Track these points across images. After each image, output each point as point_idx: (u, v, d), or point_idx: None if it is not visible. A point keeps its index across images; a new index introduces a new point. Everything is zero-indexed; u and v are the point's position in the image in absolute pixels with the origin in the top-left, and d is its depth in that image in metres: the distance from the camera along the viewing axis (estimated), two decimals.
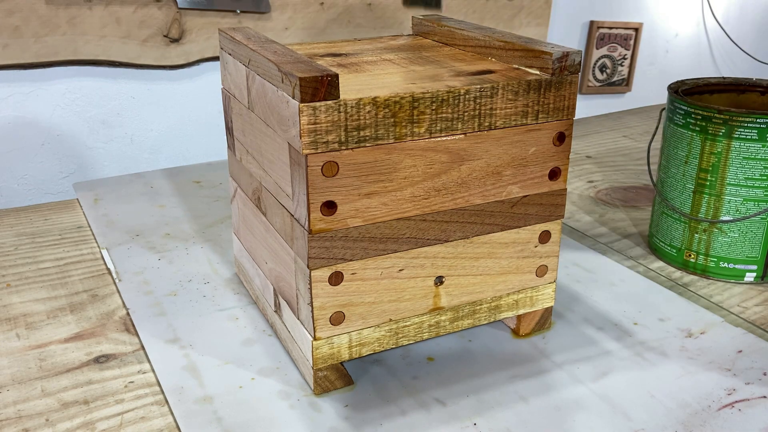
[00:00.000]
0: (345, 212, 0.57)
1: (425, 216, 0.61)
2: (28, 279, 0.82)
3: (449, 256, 0.63)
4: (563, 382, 0.65)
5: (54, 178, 1.64)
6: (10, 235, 0.93)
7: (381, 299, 0.62)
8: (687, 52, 2.46)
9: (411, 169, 0.59)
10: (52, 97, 1.59)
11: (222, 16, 1.65)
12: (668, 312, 0.76)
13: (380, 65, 0.66)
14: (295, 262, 0.61)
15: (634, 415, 0.61)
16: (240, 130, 0.70)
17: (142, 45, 1.60)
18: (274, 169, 0.62)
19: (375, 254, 0.60)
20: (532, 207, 0.65)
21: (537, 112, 0.62)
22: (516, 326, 0.71)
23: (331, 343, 0.61)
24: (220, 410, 0.61)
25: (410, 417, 0.61)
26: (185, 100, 1.71)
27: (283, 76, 0.55)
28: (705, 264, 0.82)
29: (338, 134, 0.55)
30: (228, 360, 0.67)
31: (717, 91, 0.89)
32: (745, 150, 0.76)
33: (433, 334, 0.66)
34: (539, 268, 0.68)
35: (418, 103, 0.57)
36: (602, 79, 2.29)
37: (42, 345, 0.70)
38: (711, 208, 0.80)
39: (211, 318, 0.74)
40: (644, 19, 2.31)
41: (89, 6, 1.52)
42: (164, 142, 1.72)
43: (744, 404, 0.62)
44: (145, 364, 0.67)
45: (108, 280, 0.82)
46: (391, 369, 0.67)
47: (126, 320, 0.74)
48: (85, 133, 1.64)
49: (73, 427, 0.59)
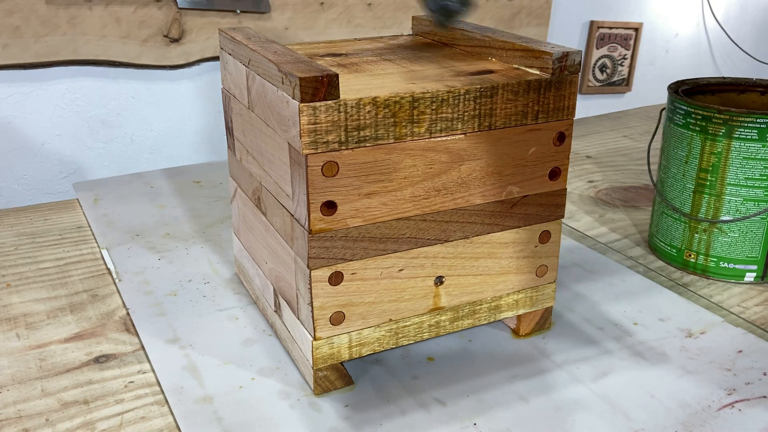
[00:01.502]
0: (345, 212, 0.57)
1: (425, 216, 0.61)
2: (28, 279, 0.82)
3: (449, 256, 0.63)
4: (563, 382, 0.65)
5: (54, 178, 1.64)
6: (10, 235, 0.93)
7: (381, 299, 0.62)
8: (687, 52, 2.46)
9: (411, 169, 0.59)
10: (52, 97, 1.59)
11: (222, 16, 1.65)
12: (668, 312, 0.76)
13: (380, 65, 0.66)
14: (295, 262, 0.61)
15: (634, 415, 0.61)
16: (240, 130, 0.70)
17: (142, 45, 1.60)
18: (274, 169, 0.62)
19: (375, 254, 0.60)
20: (532, 207, 0.65)
21: (537, 112, 0.62)
22: (516, 326, 0.71)
23: (331, 343, 0.61)
24: (220, 410, 0.61)
25: (410, 417, 0.61)
26: (185, 100, 1.71)
27: (283, 76, 0.55)
28: (705, 264, 0.82)
29: (338, 134, 0.55)
30: (228, 360, 0.67)
31: (717, 91, 0.89)
32: (745, 150, 0.76)
33: (433, 334, 0.66)
34: (539, 268, 0.68)
35: (418, 103, 0.57)
36: (602, 79, 2.29)
37: (42, 345, 0.70)
38: (711, 208, 0.80)
39: (211, 318, 0.74)
40: (644, 19, 2.31)
41: (89, 6, 1.52)
42: (164, 142, 1.72)
43: (744, 404, 0.62)
44: (145, 364, 0.67)
45: (108, 280, 0.82)
46: (391, 369, 0.67)
47: (126, 320, 0.74)
48: (85, 133, 1.64)
49: (73, 427, 0.59)
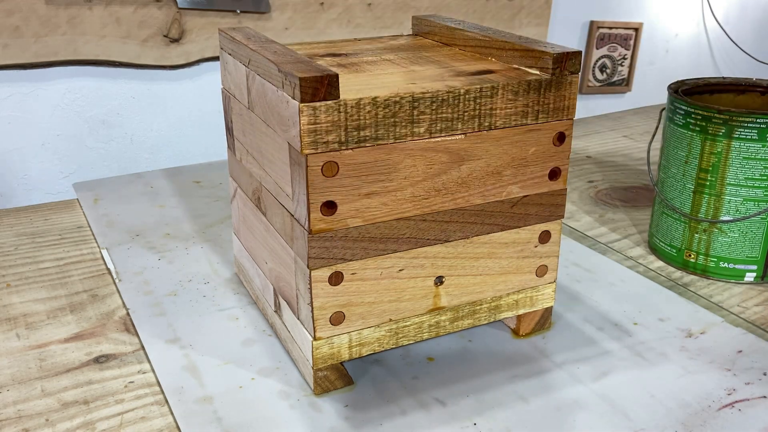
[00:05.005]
0: (345, 212, 0.57)
1: (425, 216, 0.61)
2: (28, 279, 0.82)
3: (449, 256, 0.63)
4: (563, 382, 0.65)
5: (54, 178, 1.64)
6: (10, 235, 0.93)
7: (381, 299, 0.62)
8: (687, 52, 2.46)
9: (411, 169, 0.59)
10: (52, 97, 1.59)
11: (222, 16, 1.65)
12: (668, 312, 0.76)
13: (380, 65, 0.66)
14: (295, 262, 0.61)
15: (634, 415, 0.61)
16: (240, 130, 0.70)
17: (142, 45, 1.60)
18: (274, 169, 0.62)
19: (375, 254, 0.60)
20: (532, 207, 0.65)
21: (537, 112, 0.62)
22: (516, 326, 0.71)
23: (331, 343, 0.61)
24: (220, 410, 0.61)
25: (410, 417, 0.61)
26: (185, 100, 1.71)
27: (283, 76, 0.55)
28: (705, 264, 0.82)
29: (338, 134, 0.55)
30: (228, 360, 0.67)
31: (717, 91, 0.89)
32: (745, 150, 0.76)
33: (433, 334, 0.66)
34: (539, 268, 0.68)
35: (418, 103, 0.57)
36: (602, 79, 2.29)
37: (42, 345, 0.70)
38: (711, 208, 0.80)
39: (211, 318, 0.74)
40: (644, 19, 2.31)
41: (89, 6, 1.52)
42: (164, 142, 1.72)
43: (744, 404, 0.62)
44: (145, 364, 0.67)
45: (108, 280, 0.82)
46: (391, 369, 0.67)
47: (126, 320, 0.74)
48: (85, 133, 1.64)
49: (73, 427, 0.59)
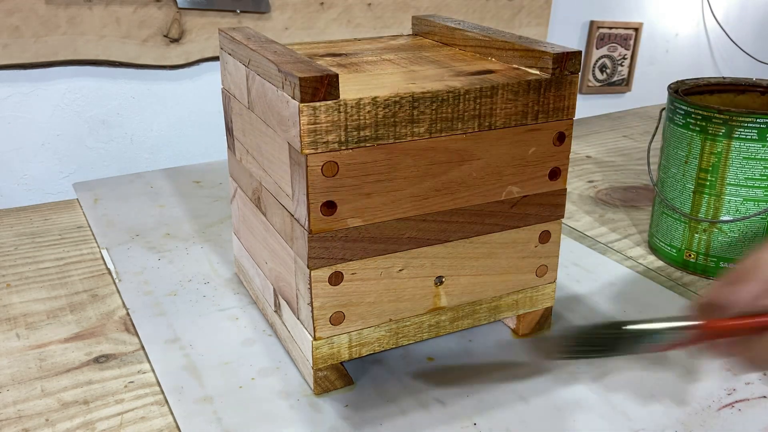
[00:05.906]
0: (345, 212, 0.57)
1: (425, 216, 0.61)
2: (28, 279, 0.82)
3: (449, 256, 0.63)
4: (563, 382, 0.65)
5: (54, 178, 1.64)
6: (10, 235, 0.93)
7: (381, 299, 0.62)
8: (687, 52, 2.47)
9: (411, 169, 0.59)
10: (52, 97, 1.59)
11: (222, 16, 1.65)
12: (668, 312, 0.76)
13: (380, 65, 0.66)
14: (295, 262, 0.61)
15: (634, 415, 0.61)
16: (240, 130, 0.70)
17: (142, 45, 1.60)
18: (274, 169, 0.62)
19: (375, 254, 0.60)
20: (532, 207, 0.65)
21: (537, 112, 0.62)
22: (516, 326, 0.71)
23: (331, 343, 0.61)
24: (220, 410, 0.61)
25: (410, 417, 0.61)
26: (185, 100, 1.71)
27: (283, 76, 0.55)
28: (705, 264, 0.82)
29: (338, 134, 0.55)
30: (228, 360, 0.67)
31: (717, 91, 0.88)
32: (745, 150, 0.76)
33: (433, 334, 0.66)
34: (539, 268, 0.68)
35: (418, 103, 0.57)
36: (602, 79, 2.29)
37: (42, 345, 0.70)
38: (711, 208, 0.80)
39: (211, 318, 0.74)
40: (644, 19, 2.31)
41: (89, 6, 1.52)
42: (164, 142, 1.72)
43: (744, 404, 0.62)
44: (145, 364, 0.67)
45: (108, 280, 0.82)
46: (391, 369, 0.67)
47: (126, 320, 0.74)
48: (85, 133, 1.64)
49: (73, 427, 0.59)
